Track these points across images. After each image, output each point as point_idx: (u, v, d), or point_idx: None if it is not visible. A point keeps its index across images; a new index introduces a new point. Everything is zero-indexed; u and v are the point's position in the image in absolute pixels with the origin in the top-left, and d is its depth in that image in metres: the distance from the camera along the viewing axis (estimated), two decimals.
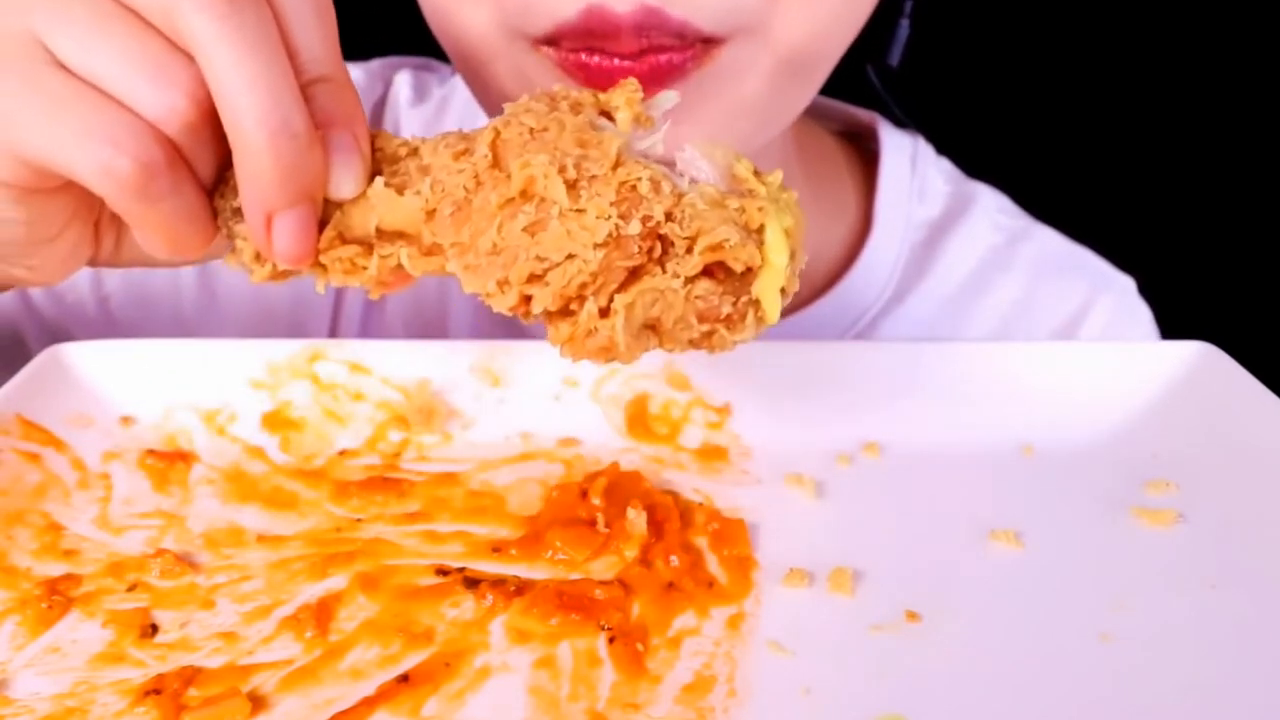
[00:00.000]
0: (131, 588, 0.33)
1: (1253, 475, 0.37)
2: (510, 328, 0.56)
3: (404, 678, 0.30)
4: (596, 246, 0.30)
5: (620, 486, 0.37)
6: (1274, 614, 0.32)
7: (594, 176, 0.30)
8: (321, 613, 0.32)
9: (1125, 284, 0.61)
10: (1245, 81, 0.89)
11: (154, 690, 0.29)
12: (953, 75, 0.75)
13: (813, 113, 0.57)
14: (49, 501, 0.36)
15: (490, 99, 0.45)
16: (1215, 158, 0.91)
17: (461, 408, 0.41)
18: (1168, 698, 0.29)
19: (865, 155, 0.62)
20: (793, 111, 0.46)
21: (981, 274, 0.60)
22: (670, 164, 0.32)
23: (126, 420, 0.40)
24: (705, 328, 0.31)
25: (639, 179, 0.30)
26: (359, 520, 0.37)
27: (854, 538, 0.35)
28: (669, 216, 0.30)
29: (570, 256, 0.30)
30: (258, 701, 0.29)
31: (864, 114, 0.63)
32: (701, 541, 0.35)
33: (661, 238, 0.30)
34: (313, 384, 0.41)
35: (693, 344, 0.32)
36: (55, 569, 0.34)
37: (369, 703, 0.29)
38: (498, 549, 0.35)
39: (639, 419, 0.41)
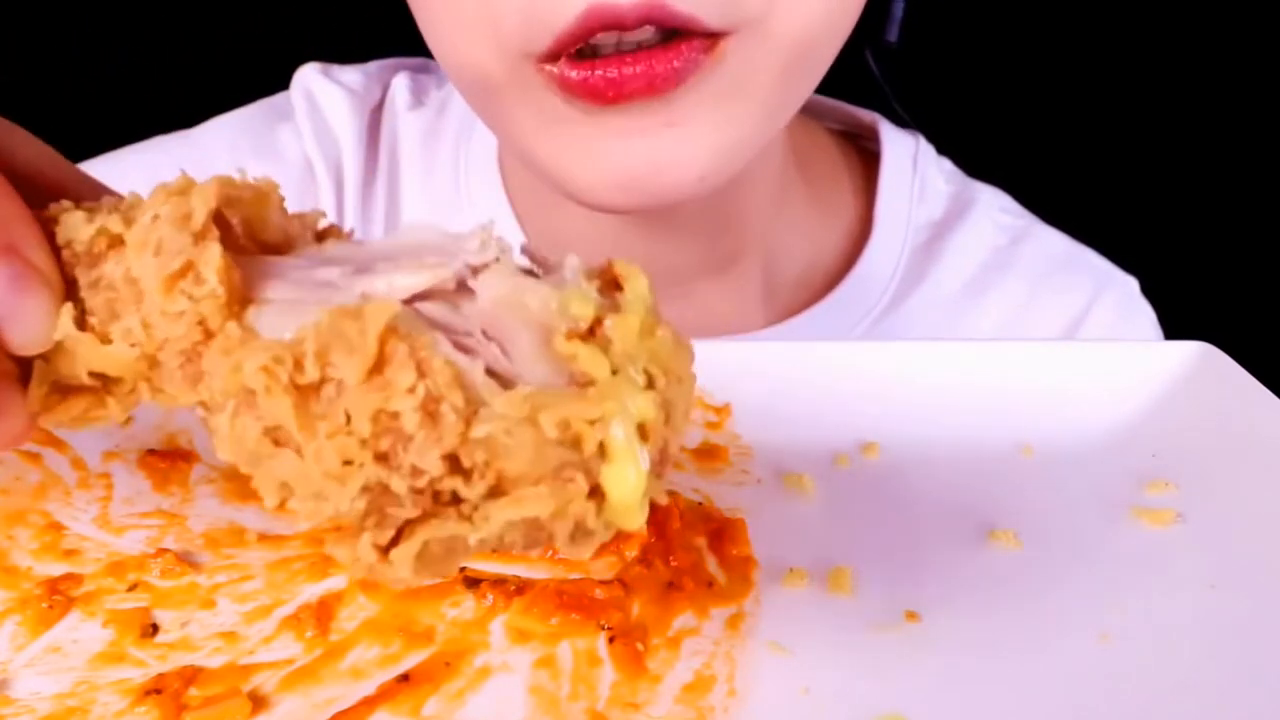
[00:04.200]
0: (132, 587, 0.33)
1: (1252, 475, 0.37)
2: None
3: (404, 677, 0.30)
4: (358, 494, 0.21)
5: None
6: (1274, 614, 0.32)
7: (340, 382, 0.21)
8: (322, 612, 0.32)
9: (1128, 283, 0.61)
10: (1246, 81, 0.89)
11: (155, 690, 0.29)
12: (953, 73, 0.75)
13: (811, 111, 0.57)
14: (49, 501, 0.36)
15: (505, 133, 0.45)
16: (1216, 157, 0.91)
17: None
18: (1167, 697, 0.29)
19: (865, 155, 0.62)
20: (796, 104, 0.46)
21: (983, 275, 0.59)
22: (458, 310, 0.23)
23: (127, 420, 0.40)
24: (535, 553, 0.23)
25: (401, 410, 0.21)
26: None
27: (854, 538, 0.35)
28: (454, 465, 0.21)
29: (320, 497, 0.22)
30: (258, 701, 0.29)
31: (865, 114, 0.63)
32: (701, 541, 0.35)
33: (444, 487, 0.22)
34: None
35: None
36: (55, 569, 0.34)
37: (369, 702, 0.29)
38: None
39: None
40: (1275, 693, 0.29)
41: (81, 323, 0.24)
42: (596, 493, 0.22)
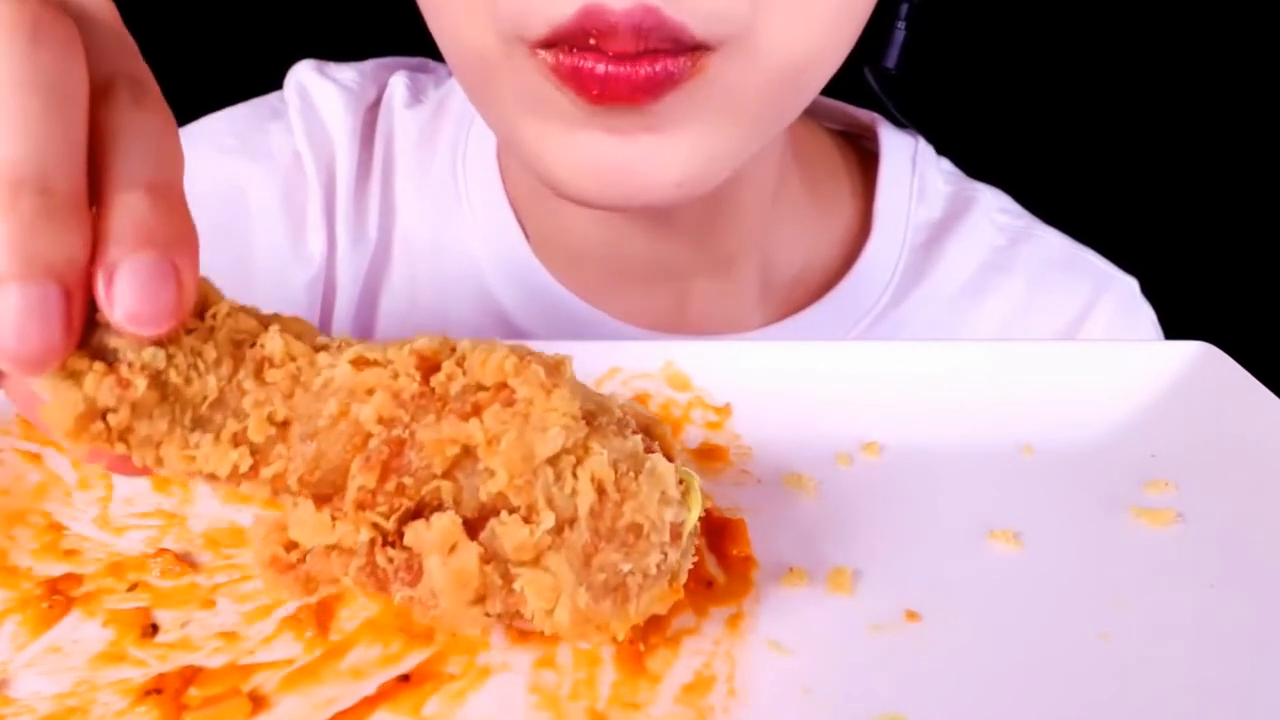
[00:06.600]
0: (132, 587, 0.33)
1: (1252, 475, 0.37)
2: (510, 328, 0.56)
3: (405, 677, 0.30)
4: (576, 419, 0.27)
5: None
6: (1274, 614, 0.32)
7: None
8: (322, 612, 0.32)
9: (1128, 284, 0.61)
10: (1246, 81, 0.89)
11: (155, 690, 0.29)
12: (952, 74, 0.75)
13: (810, 111, 0.57)
14: (49, 501, 0.36)
15: (495, 115, 0.45)
16: (1216, 157, 0.91)
17: None
18: (1167, 697, 0.29)
19: (864, 155, 0.62)
20: (786, 119, 0.46)
21: (982, 275, 0.59)
22: None
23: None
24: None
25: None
26: None
27: (854, 537, 0.35)
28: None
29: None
30: (258, 701, 0.29)
31: (864, 114, 0.63)
32: (701, 541, 0.35)
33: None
34: None
35: (618, 538, 0.28)
36: (56, 569, 0.34)
37: (370, 702, 0.29)
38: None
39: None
40: (1275, 692, 0.29)
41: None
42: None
